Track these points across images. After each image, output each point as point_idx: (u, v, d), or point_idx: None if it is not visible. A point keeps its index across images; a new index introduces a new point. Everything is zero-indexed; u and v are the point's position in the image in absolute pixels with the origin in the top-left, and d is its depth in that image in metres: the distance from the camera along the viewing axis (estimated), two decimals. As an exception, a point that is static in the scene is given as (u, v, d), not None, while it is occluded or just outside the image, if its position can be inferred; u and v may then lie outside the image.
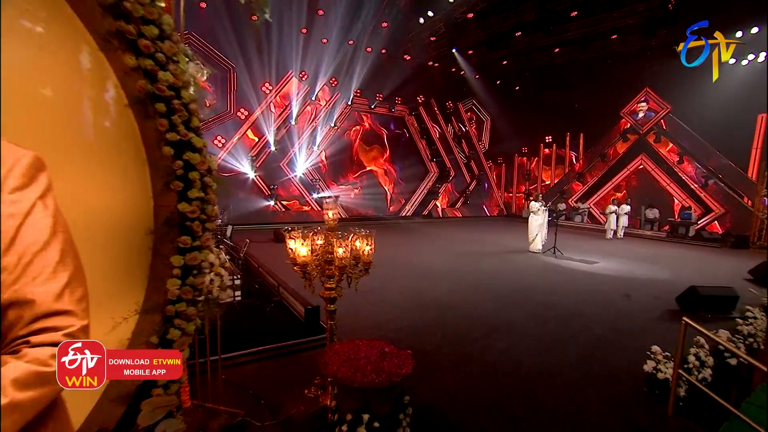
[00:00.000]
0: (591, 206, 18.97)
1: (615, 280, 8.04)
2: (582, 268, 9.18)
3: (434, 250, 10.97)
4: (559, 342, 4.76)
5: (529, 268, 8.95)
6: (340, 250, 2.92)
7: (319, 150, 17.26)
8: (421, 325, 5.22)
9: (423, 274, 8.05)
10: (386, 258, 9.58)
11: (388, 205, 19.92)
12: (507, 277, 8.02)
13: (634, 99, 17.97)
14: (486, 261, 9.67)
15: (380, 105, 19.06)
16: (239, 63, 14.82)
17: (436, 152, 20.79)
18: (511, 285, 7.40)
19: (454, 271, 8.42)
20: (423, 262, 9.36)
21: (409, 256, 10.05)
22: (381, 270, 8.56)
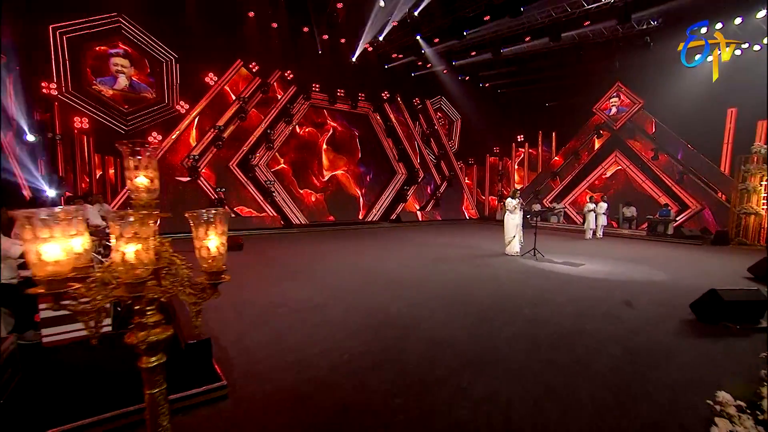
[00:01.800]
0: (567, 206, 18.20)
1: (608, 284, 6.87)
2: (567, 271, 8.00)
3: (401, 257, 9.59)
4: (561, 378, 3.41)
5: (509, 274, 7.67)
6: (128, 248, 1.36)
7: (274, 149, 15.62)
8: (369, 358, 3.76)
9: (384, 285, 6.62)
10: (343, 267, 8.14)
11: (353, 209, 18.46)
12: (484, 286, 6.69)
13: (606, 94, 17.44)
14: (459, 267, 8.34)
15: (341, 101, 17.65)
16: (182, 52, 13.10)
17: (404, 152, 19.55)
18: (489, 295, 6.06)
19: (422, 280, 7.03)
20: (386, 270, 7.93)
21: (371, 263, 8.61)
22: (332, 281, 7.11)
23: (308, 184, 16.99)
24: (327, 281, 6.88)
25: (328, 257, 9.36)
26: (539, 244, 9.67)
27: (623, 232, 15.07)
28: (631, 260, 9.42)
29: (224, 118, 14.12)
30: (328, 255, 9.70)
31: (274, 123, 15.55)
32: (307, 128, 16.98)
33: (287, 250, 10.32)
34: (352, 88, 17.59)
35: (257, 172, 15.11)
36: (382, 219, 18.73)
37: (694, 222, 14.75)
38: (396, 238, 13.45)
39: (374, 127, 18.96)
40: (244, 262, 8.49)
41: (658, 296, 6.13)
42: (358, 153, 18.48)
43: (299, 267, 8.11)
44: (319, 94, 16.93)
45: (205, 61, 13.69)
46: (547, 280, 7.13)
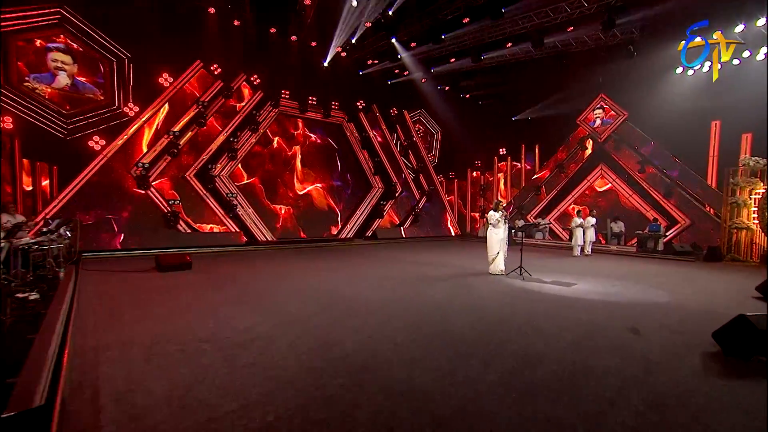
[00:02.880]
0: (552, 221, 17.67)
1: (606, 307, 6.05)
2: (559, 292, 7.17)
3: (372, 277, 8.62)
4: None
5: (494, 296, 6.79)
6: None
7: (238, 159, 14.57)
8: (303, 419, 2.74)
9: (346, 311, 5.62)
10: (303, 289, 7.13)
11: (325, 225, 17.44)
12: (464, 311, 5.77)
13: (589, 106, 17.19)
14: (437, 288, 7.42)
15: (313, 109, 16.84)
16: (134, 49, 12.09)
17: (380, 165, 18.77)
18: (470, 324, 5.13)
19: (393, 305, 6.06)
20: (352, 292, 6.94)
21: (337, 285, 7.61)
22: (285, 306, 5.79)
23: (276, 197, 15.94)
24: (279, 306, 5.84)
25: (288, 278, 8.31)
26: (525, 261, 8.87)
27: (611, 248, 14.54)
28: (626, 278, 8.75)
29: (181, 123, 13.04)
30: (289, 275, 8.65)
31: (237, 131, 14.56)
32: (276, 138, 16.03)
33: (244, 270, 9.22)
34: (324, 95, 16.83)
35: (218, 183, 14.00)
36: (356, 236, 17.79)
37: (684, 237, 14.33)
38: (370, 256, 12.51)
39: (349, 138, 18.19)
40: (188, 284, 7.37)
41: (666, 320, 5.32)
42: (331, 165, 17.61)
43: (251, 289, 7.04)
44: (289, 102, 16.09)
45: (160, 60, 12.70)
46: (537, 304, 6.26)
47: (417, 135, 20.85)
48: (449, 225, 21.56)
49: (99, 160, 11.47)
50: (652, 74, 14.98)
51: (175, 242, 12.25)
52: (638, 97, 15.43)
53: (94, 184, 11.43)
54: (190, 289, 6.98)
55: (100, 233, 11.39)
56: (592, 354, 4.05)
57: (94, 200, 11.33)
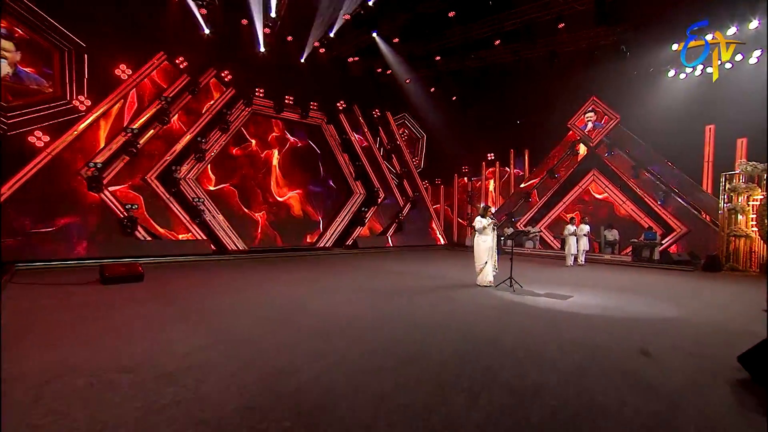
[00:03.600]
0: (543, 230, 17.30)
1: (608, 323, 5.49)
2: (554, 306, 6.61)
3: (347, 289, 7.95)
4: None
5: (482, 312, 6.18)
6: None
7: (206, 161, 13.79)
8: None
9: (309, 331, 4.93)
10: (265, 304, 6.45)
11: (302, 234, 16.72)
12: (448, 330, 5.14)
13: (580, 109, 16.94)
14: (418, 302, 6.78)
15: (290, 109, 16.20)
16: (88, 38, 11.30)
17: (362, 170, 18.17)
18: (454, 346, 4.50)
19: (366, 322, 5.40)
20: (323, 308, 6.25)
21: (306, 299, 6.92)
22: (238, 325, 5.03)
23: (249, 203, 15.18)
24: (233, 325, 5.12)
25: (252, 291, 7.58)
26: (515, 272, 8.32)
27: (605, 257, 14.21)
28: (625, 290, 8.28)
29: (141, 120, 12.23)
30: (254, 288, 7.92)
31: (206, 130, 13.80)
32: (250, 139, 15.31)
33: (204, 282, 8.44)
34: (302, 94, 16.22)
35: (183, 187, 13.17)
36: (336, 244, 17.12)
37: (681, 245, 14.04)
38: (348, 266, 11.85)
39: (328, 141, 17.58)
40: (133, 298, 6.57)
41: (678, 340, 4.78)
42: (309, 169, 16.96)
43: (206, 305, 6.29)
44: (263, 100, 15.42)
45: (118, 50, 11.86)
46: (531, 320, 5.67)
47: (401, 138, 20.38)
48: (435, 233, 21.04)
49: (42, 158, 10.55)
50: (644, 76, 14.83)
51: (133, 251, 11.36)
52: (631, 100, 15.22)
53: (36, 186, 10.48)
54: (133, 304, 6.20)
55: (41, 241, 10.44)
56: (599, 384, 3.45)
57: (34, 204, 10.39)
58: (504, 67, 16.55)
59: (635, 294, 7.84)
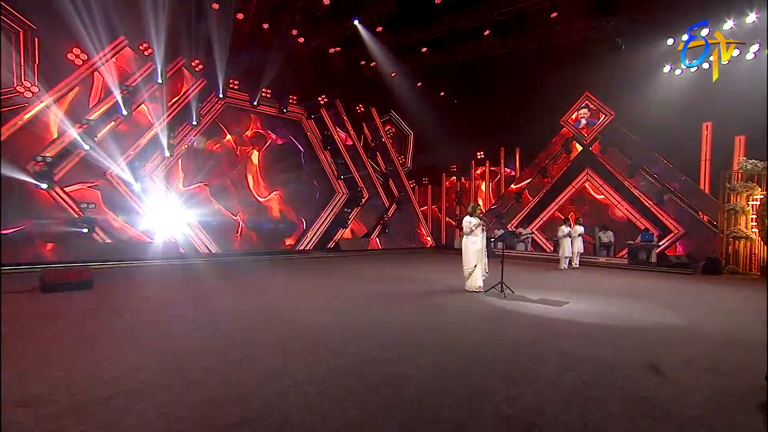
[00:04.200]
0: (535, 231, 16.99)
1: (609, 334, 5.05)
2: (548, 313, 6.15)
3: (323, 296, 7.41)
4: None
5: (469, 320, 5.69)
6: None
7: (176, 157, 13.11)
8: None
9: (271, 346, 4.37)
10: (226, 314, 5.87)
11: (281, 235, 16.16)
12: (430, 342, 4.63)
13: (574, 105, 16.67)
14: (400, 311, 6.27)
15: (267, 103, 15.61)
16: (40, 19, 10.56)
17: (345, 168, 17.64)
18: (436, 362, 3.98)
19: (337, 334, 4.86)
20: (291, 318, 5.70)
21: (274, 307, 6.37)
22: (187, 341, 4.41)
23: (223, 203, 14.54)
24: (180, 340, 4.53)
25: (215, 299, 6.98)
26: (507, 276, 7.86)
27: (600, 259, 13.93)
28: (624, 295, 7.90)
29: (99, 110, 11.49)
30: (218, 295, 7.32)
31: (175, 124, 13.11)
32: (225, 134, 14.68)
33: (164, 290, 7.82)
34: (280, 87, 15.63)
35: (149, 184, 12.45)
36: (317, 247, 16.61)
37: (679, 247, 13.83)
38: (328, 270, 11.30)
39: (308, 137, 17.03)
40: (73, 309, 5.91)
41: (689, 352, 4.34)
42: (288, 167, 16.40)
43: (158, 316, 5.68)
44: (239, 93, 14.81)
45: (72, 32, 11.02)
46: (523, 330, 5.19)
47: (387, 136, 19.93)
48: (423, 236, 20.61)
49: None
50: (639, 72, 14.60)
51: (90, 255, 10.62)
52: (626, 97, 14.99)
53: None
54: (71, 316, 5.55)
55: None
56: (608, 410, 2.96)
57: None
58: (494, 60, 16.21)
59: (634, 299, 7.45)
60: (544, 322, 5.63)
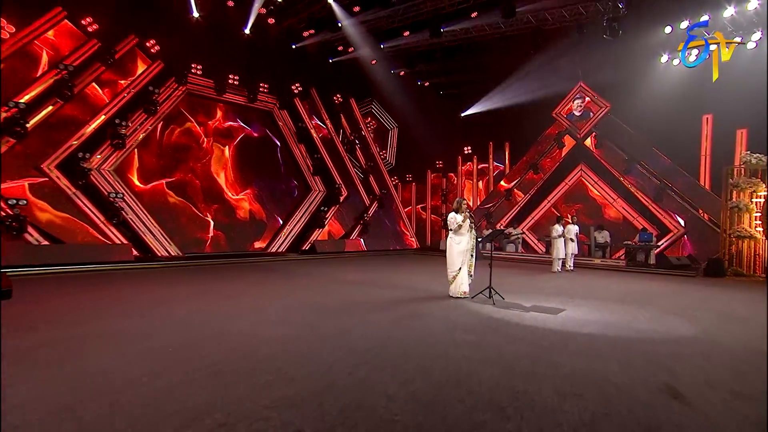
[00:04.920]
0: (526, 231, 16.69)
1: (616, 347, 4.54)
2: (544, 323, 5.63)
3: (286, 305, 6.78)
4: None
5: (452, 333, 5.12)
6: None
7: (127, 149, 12.28)
8: None
9: (207, 369, 3.71)
10: (165, 328, 5.25)
11: (250, 237, 15.49)
12: (403, 362, 4.05)
13: (567, 96, 16.37)
14: (375, 320, 5.69)
15: (234, 91, 14.87)
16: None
17: (321, 163, 17.01)
18: (408, 388, 3.40)
19: (293, 352, 4.25)
20: (246, 330, 5.08)
21: (235, 316, 5.76)
22: (108, 364, 3.66)
23: (185, 200, 13.82)
24: (97, 363, 3.85)
25: (161, 308, 6.28)
26: (496, 280, 7.34)
27: (595, 261, 13.62)
28: (624, 300, 7.50)
29: (31, 92, 10.55)
30: (163, 305, 6.62)
31: (127, 111, 12.28)
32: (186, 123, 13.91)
33: (102, 299, 7.08)
34: (249, 74, 14.93)
35: (96, 179, 11.61)
36: (291, 249, 15.98)
37: (679, 247, 13.63)
38: (300, 274, 10.69)
39: (281, 129, 16.38)
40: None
41: (711, 370, 3.85)
42: (259, 162, 15.73)
43: (83, 331, 4.98)
44: (202, 79, 14.05)
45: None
46: (516, 345, 4.64)
47: (367, 128, 19.36)
48: (406, 236, 20.13)
49: None
50: (636, 61, 14.40)
51: (20, 259, 9.73)
52: (622, 87, 14.75)
53: None
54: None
55: None
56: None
57: None
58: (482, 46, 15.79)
59: (636, 305, 7.01)
60: (538, 333, 5.10)
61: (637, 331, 5.26)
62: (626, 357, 4.21)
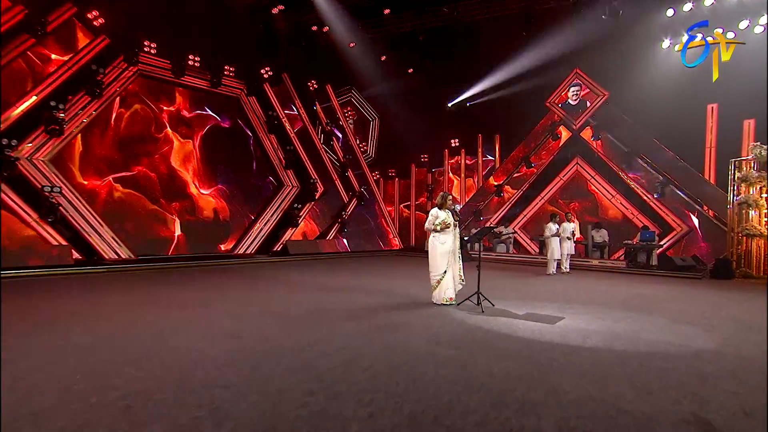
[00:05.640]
0: (517, 230, 16.49)
1: (626, 365, 4.05)
2: (540, 335, 5.14)
3: (248, 313, 6.22)
4: None
5: (434, 349, 4.58)
6: None
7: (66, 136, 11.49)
8: None
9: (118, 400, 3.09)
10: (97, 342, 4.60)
11: (216, 237, 14.92)
12: (372, 388, 3.48)
13: (562, 84, 16.12)
14: (343, 332, 5.14)
15: (195, 74, 14.16)
16: None
17: (295, 156, 16.43)
18: (376, 424, 2.83)
19: (236, 375, 3.63)
20: (187, 345, 4.47)
21: (171, 331, 5.12)
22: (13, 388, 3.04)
23: (140, 195, 13.16)
24: None
25: (85, 323, 5.60)
26: (485, 284, 6.86)
27: (593, 262, 13.37)
28: (628, 307, 7.11)
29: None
30: (90, 318, 5.93)
31: (65, 93, 11.45)
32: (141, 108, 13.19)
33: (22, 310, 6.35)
34: (212, 55, 14.25)
35: (25, 169, 10.77)
36: (261, 250, 15.48)
37: (682, 247, 13.48)
38: (266, 278, 10.19)
39: (250, 117, 15.76)
40: None
41: (743, 394, 3.37)
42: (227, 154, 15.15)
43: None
44: (156, 59, 13.31)
45: None
46: (508, 362, 4.11)
47: (345, 119, 18.84)
48: (389, 236, 19.81)
49: None
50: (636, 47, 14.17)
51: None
52: (621, 75, 14.49)
53: None
54: None
55: None
56: None
57: None
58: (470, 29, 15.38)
59: (643, 312, 6.60)
60: (534, 348, 4.58)
61: (649, 344, 4.79)
62: (641, 378, 3.71)
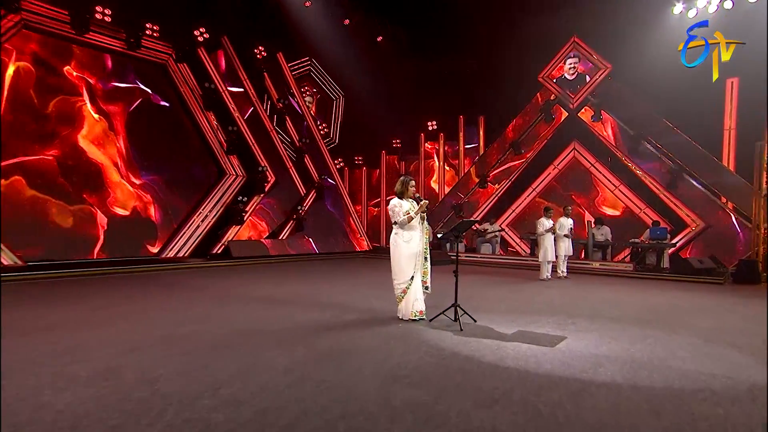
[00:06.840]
0: (505, 227, 16.36)
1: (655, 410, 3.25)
2: (535, 362, 4.33)
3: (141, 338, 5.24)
4: None
5: (393, 387, 3.67)
6: None
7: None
8: None
9: None
10: None
11: (140, 238, 13.98)
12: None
13: (557, 55, 15.94)
14: (268, 363, 4.24)
15: (106, 31, 12.99)
16: None
17: (239, 139, 15.62)
18: None
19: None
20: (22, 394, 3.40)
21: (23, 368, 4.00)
22: None
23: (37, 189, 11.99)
24: None
25: None
26: (464, 293, 6.06)
27: (594, 264, 13.07)
28: (647, 322, 6.44)
29: None
30: None
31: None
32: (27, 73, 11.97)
33: None
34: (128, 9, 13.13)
35: None
36: (196, 253, 14.77)
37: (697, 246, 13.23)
38: (192, 288, 9.24)
39: (181, 90, 14.76)
40: None
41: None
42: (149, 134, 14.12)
43: None
44: (48, 8, 12.11)
45: None
46: (495, 408, 3.23)
47: (301, 95, 18.09)
48: (355, 235, 19.61)
49: None
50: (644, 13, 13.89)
51: None
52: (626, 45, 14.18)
53: None
54: None
55: None
56: None
57: None
58: None
59: (665, 329, 5.90)
60: (529, 385, 3.71)
61: (683, 377, 3.98)
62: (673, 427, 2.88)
